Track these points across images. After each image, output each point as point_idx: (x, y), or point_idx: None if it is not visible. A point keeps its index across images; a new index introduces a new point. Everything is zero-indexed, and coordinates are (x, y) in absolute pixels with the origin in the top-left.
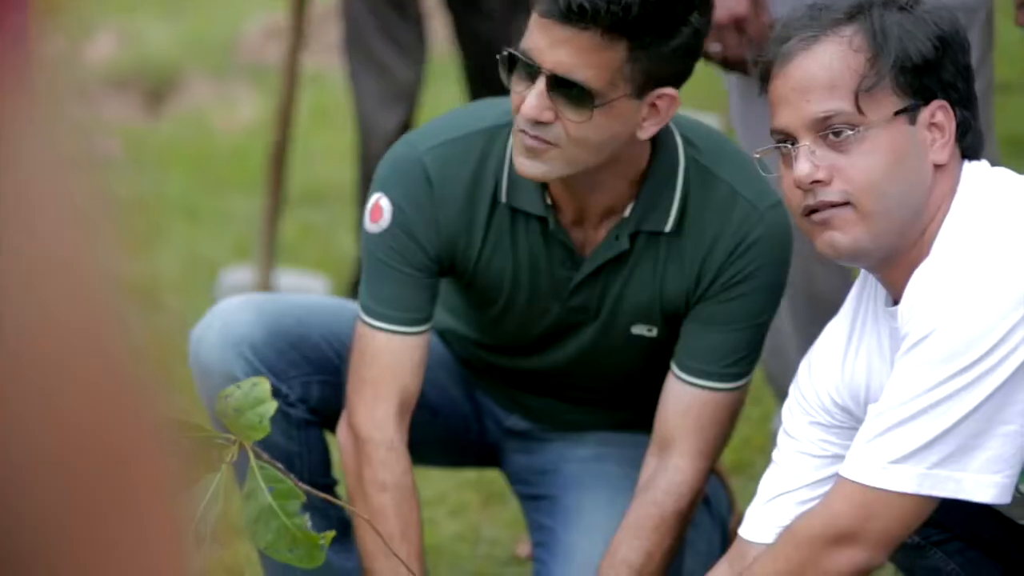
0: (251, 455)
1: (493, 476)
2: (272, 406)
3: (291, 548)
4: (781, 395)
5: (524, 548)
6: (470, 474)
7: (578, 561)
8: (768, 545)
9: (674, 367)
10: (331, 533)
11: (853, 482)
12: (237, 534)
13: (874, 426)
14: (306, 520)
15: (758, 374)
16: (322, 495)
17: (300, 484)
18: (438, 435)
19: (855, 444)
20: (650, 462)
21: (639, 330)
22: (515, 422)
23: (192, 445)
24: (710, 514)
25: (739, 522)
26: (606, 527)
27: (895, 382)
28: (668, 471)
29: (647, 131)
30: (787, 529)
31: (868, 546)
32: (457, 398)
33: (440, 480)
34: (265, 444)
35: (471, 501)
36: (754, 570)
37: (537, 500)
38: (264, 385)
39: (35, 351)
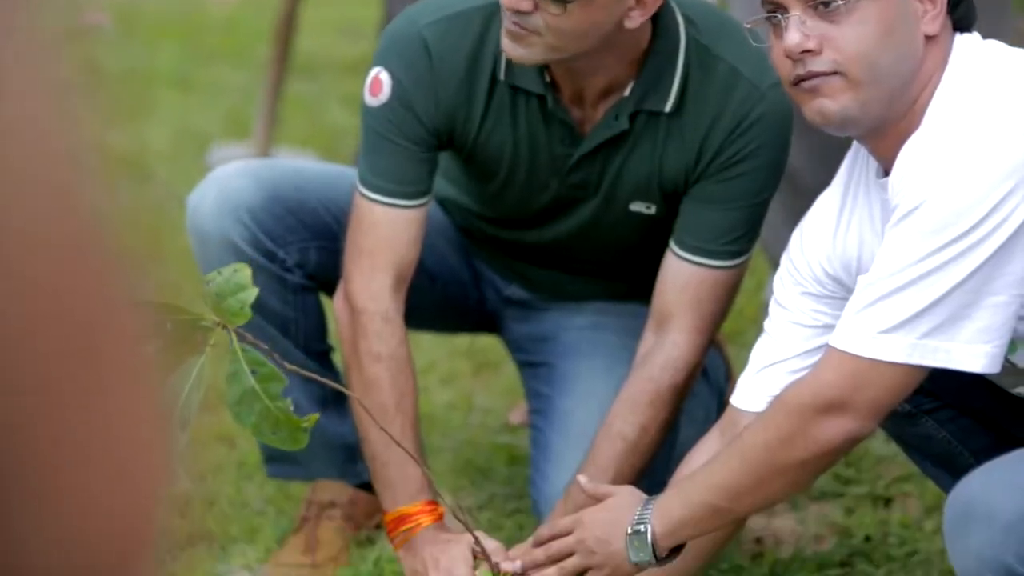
0: (233, 338)
1: (485, 344)
2: (252, 292)
3: (274, 431)
4: (775, 264)
5: (517, 416)
6: (461, 342)
7: (575, 428)
8: (758, 414)
9: (673, 244)
10: (314, 416)
11: (843, 352)
12: (225, 400)
13: (864, 296)
14: (289, 404)
15: None
16: (307, 374)
17: (285, 364)
18: (437, 301)
19: (845, 314)
20: (647, 337)
21: (638, 207)
22: (514, 291)
23: (175, 327)
24: (707, 383)
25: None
26: (603, 395)
27: (885, 253)
28: (665, 346)
29: (634, 20)
30: (777, 398)
31: (858, 415)
32: (456, 266)
33: (431, 348)
34: (262, 310)
35: (463, 369)
36: (744, 439)
37: (535, 368)
38: (245, 271)
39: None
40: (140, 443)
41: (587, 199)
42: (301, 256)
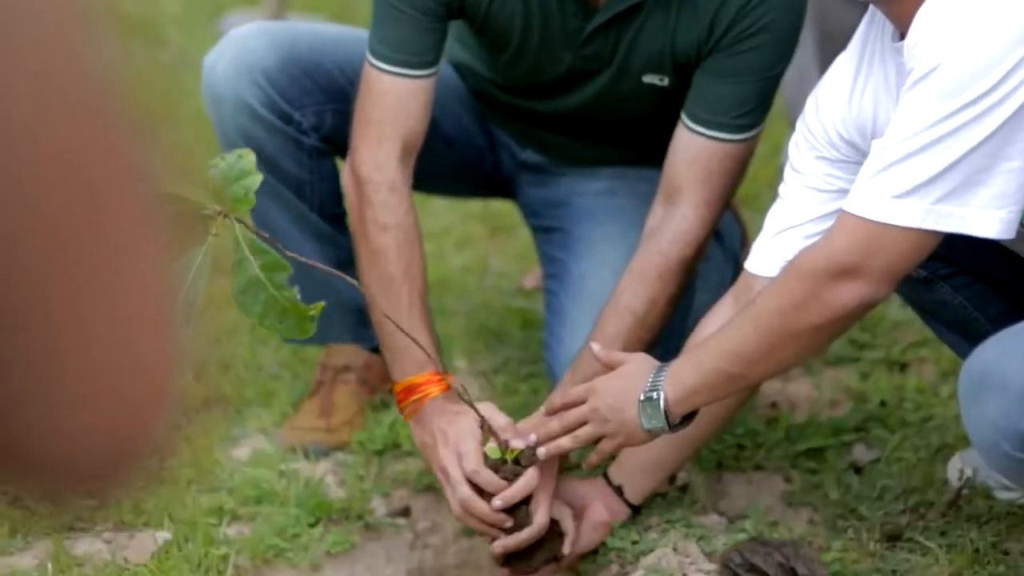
0: (236, 227)
1: (499, 209)
2: (257, 179)
3: (281, 320)
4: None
5: (531, 280)
6: (476, 207)
7: (589, 293)
8: (771, 279)
9: (684, 117)
10: (320, 305)
11: (857, 216)
12: (222, 271)
13: (878, 161)
14: (295, 292)
15: None
16: (312, 263)
17: (289, 253)
18: (453, 165)
19: (859, 179)
20: (657, 210)
21: (651, 79)
22: (529, 156)
23: (178, 216)
24: (722, 248)
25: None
26: (617, 261)
27: (899, 117)
28: (675, 219)
29: None
30: (790, 264)
31: (871, 280)
32: (472, 130)
33: (446, 212)
34: (278, 172)
35: (478, 233)
36: (757, 304)
37: (549, 232)
38: (249, 157)
39: (6, 71)
40: (147, 304)
41: (600, 71)
42: (317, 119)
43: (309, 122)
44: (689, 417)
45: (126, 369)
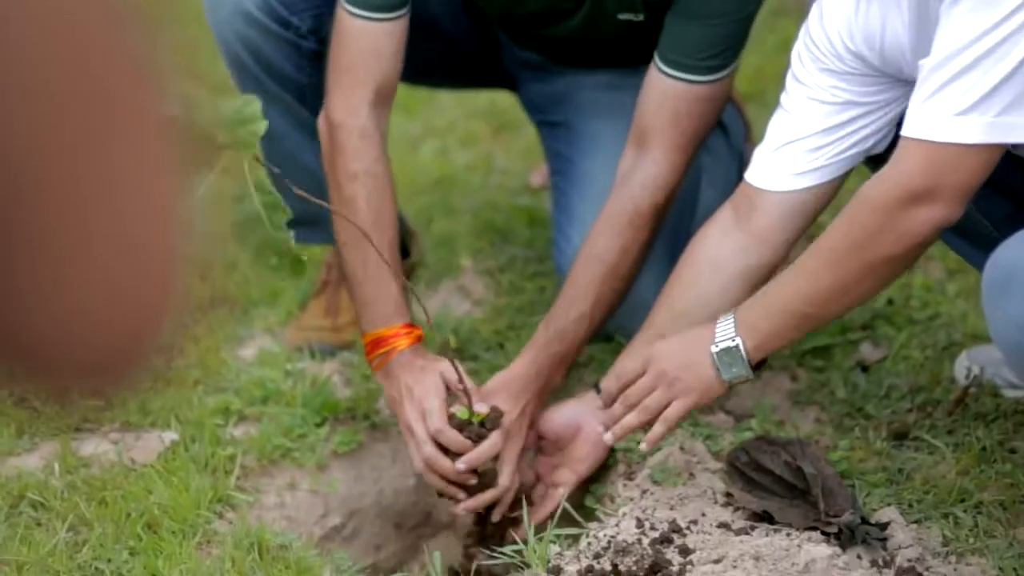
0: (245, 163)
1: (504, 106)
2: (262, 126)
3: (276, 259)
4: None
5: (537, 178)
6: (481, 103)
7: (597, 190)
8: (839, 215)
9: (655, 59)
10: (315, 249)
11: (920, 140)
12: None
13: (932, 80)
14: (291, 235)
15: None
16: (301, 194)
17: (297, 191)
18: (455, 60)
19: (914, 102)
20: (628, 155)
21: (626, 16)
22: (529, 56)
23: (185, 141)
24: (727, 144)
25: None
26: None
27: (946, 33)
28: (645, 164)
29: None
30: (856, 198)
31: (945, 201)
32: (471, 29)
33: (451, 109)
34: (278, 77)
35: (482, 131)
36: (827, 242)
37: (553, 127)
38: (255, 105)
39: None
40: (152, 202)
41: (576, 11)
42: (315, 22)
43: (307, 25)
44: (761, 363)
45: (131, 267)
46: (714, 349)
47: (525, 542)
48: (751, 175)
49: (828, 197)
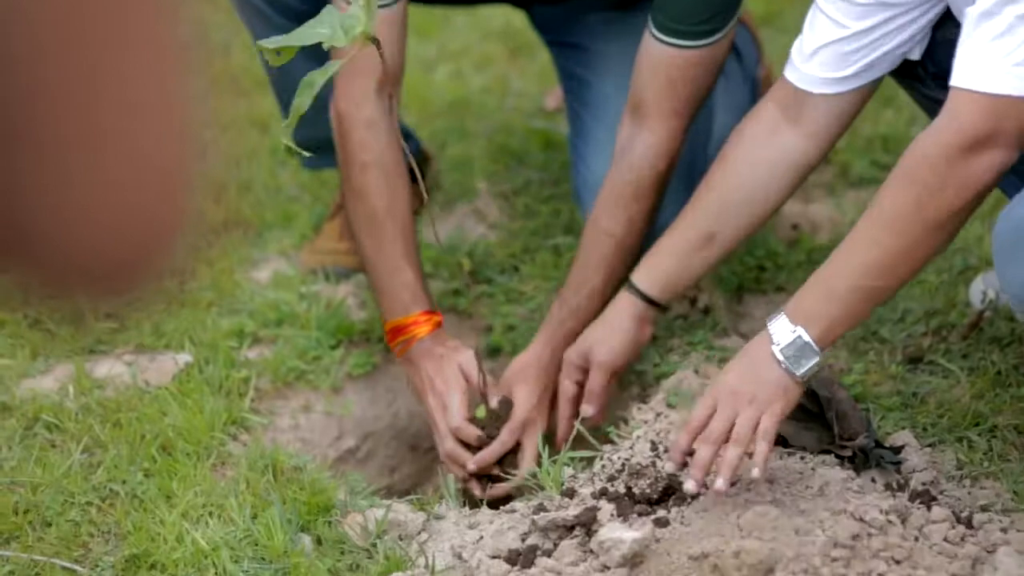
0: None
1: (520, 28)
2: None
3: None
4: None
5: (552, 100)
6: (495, 24)
7: (613, 113)
8: (887, 181)
9: (649, 24)
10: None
11: (977, 92)
12: (259, 86)
13: (985, 31)
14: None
15: None
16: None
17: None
18: None
19: (965, 51)
20: (625, 125)
21: None
22: None
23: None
24: (740, 67)
25: (769, 73)
26: None
27: None
28: (643, 134)
29: None
30: (910, 154)
31: (1004, 146)
32: None
33: (465, 31)
34: (280, 7)
35: (498, 53)
36: (882, 207)
37: (565, 48)
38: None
39: None
40: (164, 115)
41: None
42: None
43: None
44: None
45: (140, 176)
46: (776, 349)
47: (540, 464)
48: (793, 76)
49: (867, 99)
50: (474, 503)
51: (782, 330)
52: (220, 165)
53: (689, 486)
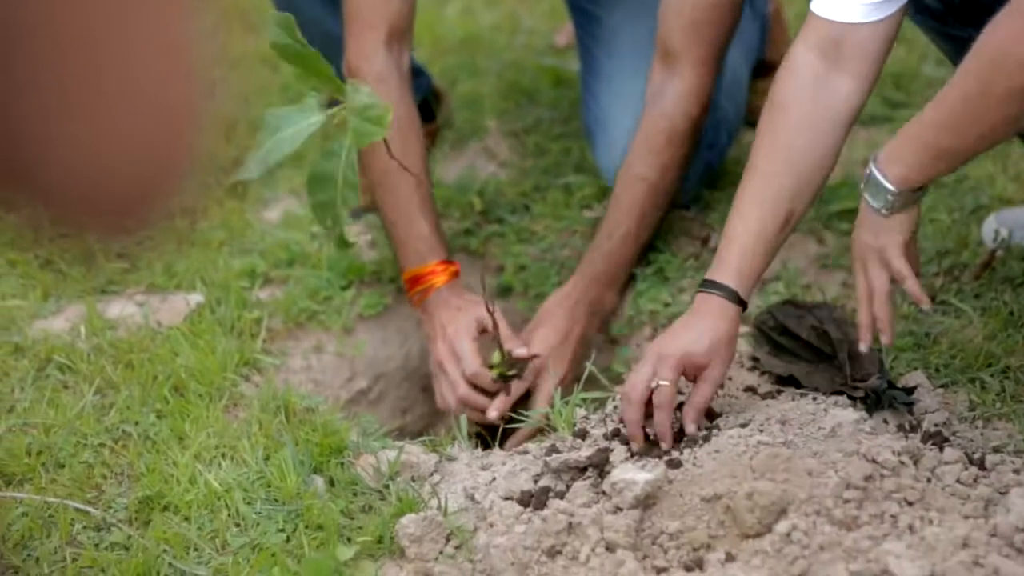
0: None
1: None
2: (384, 129)
3: (330, 222)
4: None
5: (563, 38)
6: None
7: (623, 47)
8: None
9: None
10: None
11: None
12: (252, 29)
13: None
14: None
15: None
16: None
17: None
18: None
19: None
20: (655, 72)
21: None
22: None
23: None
24: (751, 6)
25: (778, 8)
26: (652, 11)
27: None
28: (673, 80)
29: None
30: (983, 38)
31: None
32: None
33: None
34: None
35: None
36: (948, 97)
37: None
38: (387, 112)
39: None
40: (167, 46)
41: None
42: None
43: None
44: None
45: (146, 112)
46: (861, 187)
47: (552, 405)
48: (830, 10)
49: (900, 24)
50: (486, 444)
51: (867, 172)
52: (229, 102)
53: (634, 447)
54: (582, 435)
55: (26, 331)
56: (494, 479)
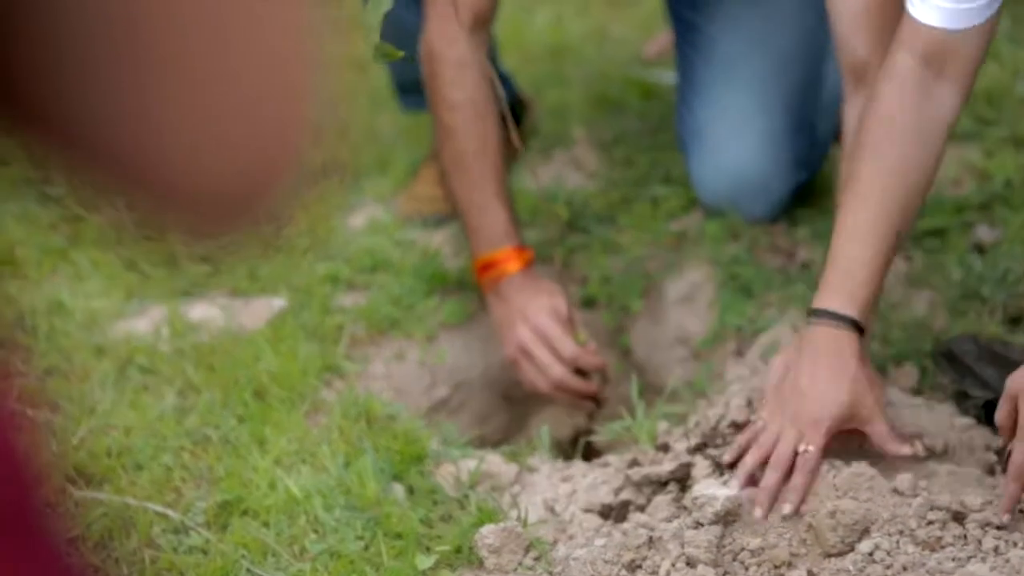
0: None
1: None
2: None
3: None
4: None
5: (652, 49)
6: None
7: (721, 58)
8: None
9: None
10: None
11: None
12: (357, 29)
13: None
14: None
15: None
16: None
17: None
18: None
19: None
20: (852, 102)
21: None
22: None
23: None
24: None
25: None
26: (752, 25)
27: None
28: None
29: None
30: None
31: None
32: None
33: None
34: None
35: (597, 0)
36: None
37: None
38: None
39: None
40: (288, 56)
41: None
42: None
43: None
44: None
45: (259, 116)
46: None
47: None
48: (934, 16)
49: (997, 25)
50: (568, 455)
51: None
52: (319, 106)
53: (758, 513)
54: (664, 448)
55: (108, 332)
56: (575, 491)
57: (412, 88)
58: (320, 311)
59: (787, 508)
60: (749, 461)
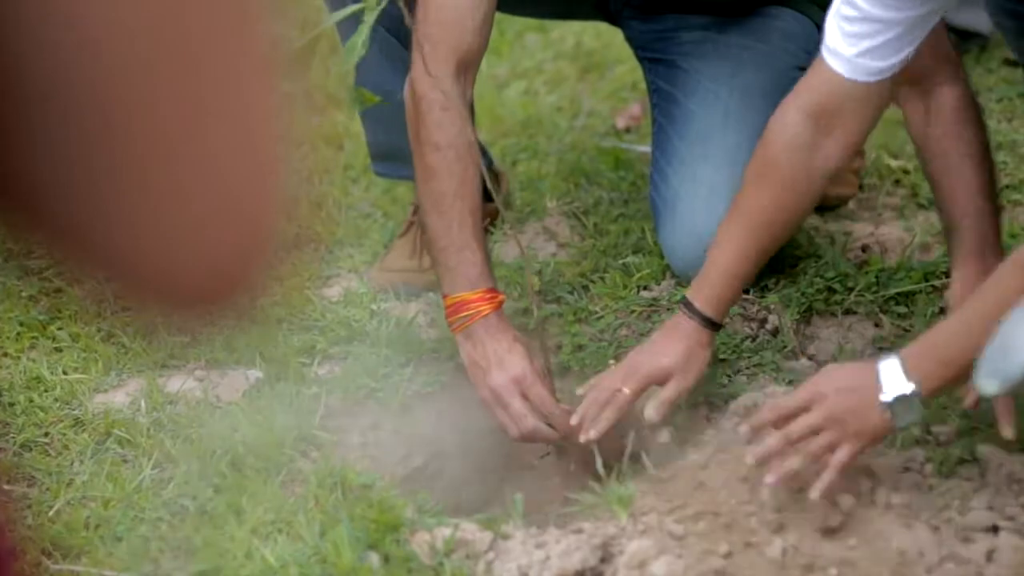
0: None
1: (591, 47)
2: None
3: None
4: None
5: (623, 119)
6: (568, 43)
7: (696, 131)
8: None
9: None
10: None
11: None
12: (334, 103)
13: None
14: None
15: None
16: None
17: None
18: None
19: None
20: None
21: None
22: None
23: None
24: None
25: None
26: (727, 100)
27: None
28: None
29: None
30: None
31: None
32: None
33: (537, 50)
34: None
35: (569, 72)
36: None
37: (656, 64)
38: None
39: None
40: (256, 140)
41: None
42: None
43: None
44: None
45: (227, 204)
46: (885, 398)
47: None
48: (817, 73)
49: (889, 92)
50: (542, 524)
51: (894, 380)
52: (293, 181)
53: (768, 478)
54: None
55: (87, 404)
56: (548, 558)
57: (388, 155)
58: (296, 381)
59: (585, 436)
60: (585, 404)
